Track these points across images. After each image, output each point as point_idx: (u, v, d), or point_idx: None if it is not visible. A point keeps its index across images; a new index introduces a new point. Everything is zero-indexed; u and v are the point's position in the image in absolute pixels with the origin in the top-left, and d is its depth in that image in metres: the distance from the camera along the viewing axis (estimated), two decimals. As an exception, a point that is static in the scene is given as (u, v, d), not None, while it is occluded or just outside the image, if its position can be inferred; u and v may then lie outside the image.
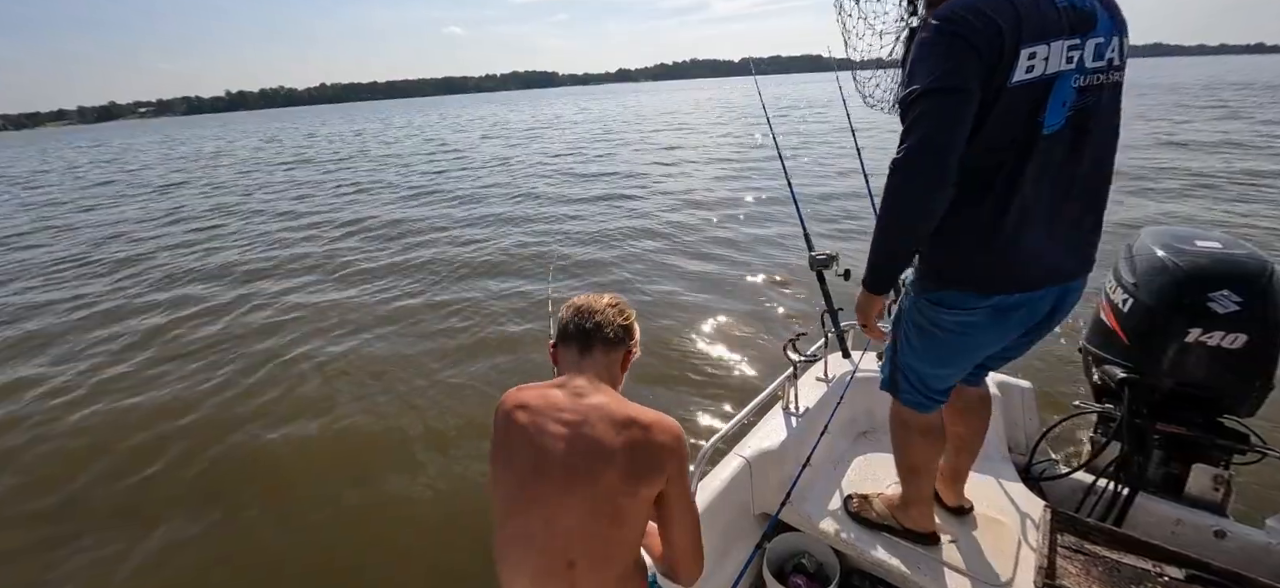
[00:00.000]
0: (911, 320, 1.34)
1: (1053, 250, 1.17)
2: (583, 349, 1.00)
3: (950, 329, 1.27)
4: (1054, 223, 1.15)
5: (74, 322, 5.51)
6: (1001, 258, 1.15)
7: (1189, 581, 1.36)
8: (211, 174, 17.75)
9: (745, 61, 2.39)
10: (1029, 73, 1.04)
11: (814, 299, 2.48)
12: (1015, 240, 1.13)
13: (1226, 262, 1.53)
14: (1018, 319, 1.23)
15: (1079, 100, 1.09)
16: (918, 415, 1.43)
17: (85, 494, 3.05)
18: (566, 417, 0.91)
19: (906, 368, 1.40)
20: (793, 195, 2.36)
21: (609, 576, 0.90)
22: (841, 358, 2.21)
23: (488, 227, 8.35)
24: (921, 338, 1.33)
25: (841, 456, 1.96)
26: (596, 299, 1.06)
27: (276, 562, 2.53)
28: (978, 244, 1.15)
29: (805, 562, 1.70)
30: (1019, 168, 1.10)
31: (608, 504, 0.88)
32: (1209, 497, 1.64)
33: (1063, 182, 1.13)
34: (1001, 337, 1.28)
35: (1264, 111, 17.26)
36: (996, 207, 1.12)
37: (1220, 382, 1.55)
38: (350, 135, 31.73)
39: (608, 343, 1.02)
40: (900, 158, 1.07)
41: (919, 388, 1.39)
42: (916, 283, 1.32)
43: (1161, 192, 7.88)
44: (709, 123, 25.15)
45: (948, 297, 1.24)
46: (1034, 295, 1.20)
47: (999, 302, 1.20)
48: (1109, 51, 1.09)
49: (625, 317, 1.06)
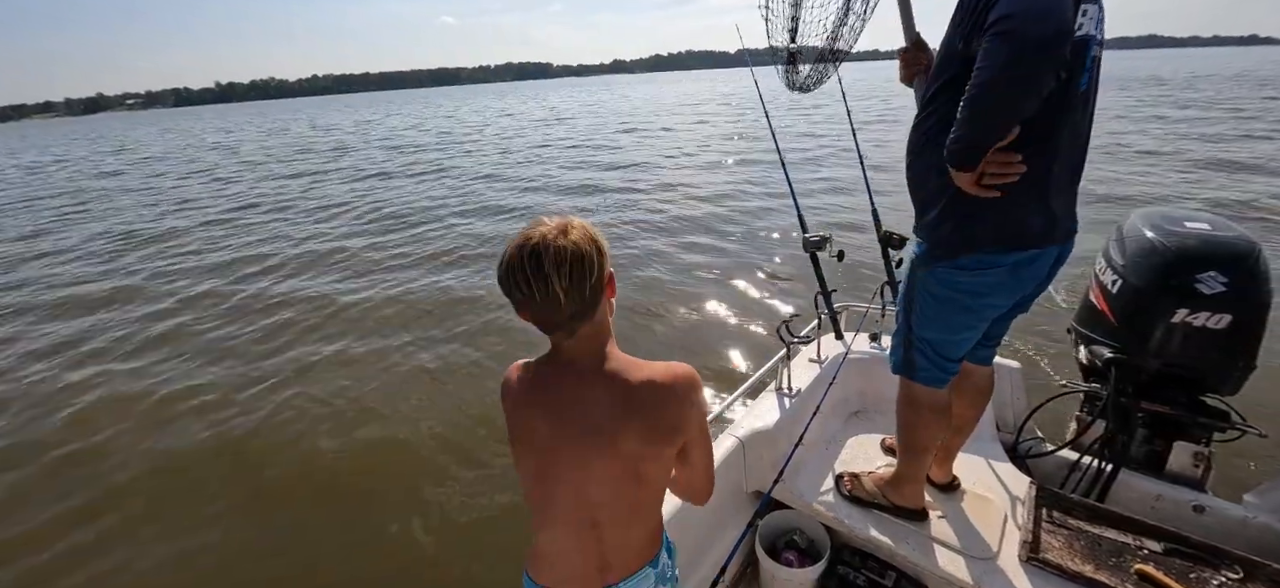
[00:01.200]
0: (926, 292, 1.34)
1: (1063, 209, 1.21)
2: (566, 334, 0.83)
3: (969, 291, 1.28)
4: (1067, 182, 1.20)
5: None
6: (1027, 213, 1.17)
7: (1167, 553, 1.40)
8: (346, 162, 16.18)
9: (741, 53, 2.40)
10: (1079, 29, 1.07)
11: (808, 281, 2.50)
12: (1046, 196, 1.17)
13: (1214, 243, 1.55)
14: (1029, 275, 1.26)
15: (1094, 65, 1.13)
16: (930, 393, 1.42)
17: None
18: (576, 392, 0.84)
19: (921, 342, 1.39)
20: (787, 179, 2.37)
21: (634, 533, 0.91)
22: (834, 340, 2.24)
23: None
24: (938, 306, 1.33)
25: (833, 435, 1.99)
26: (544, 254, 0.76)
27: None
28: (1018, 199, 1.14)
29: (797, 539, 1.74)
30: (1058, 125, 1.13)
31: (631, 470, 0.85)
32: (1189, 473, 1.68)
33: (1079, 142, 1.18)
34: (1012, 294, 1.30)
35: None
36: (1041, 162, 1.13)
37: (1204, 361, 1.58)
38: (418, 124, 29.78)
39: (586, 309, 0.81)
40: (1009, 16, 0.95)
41: (935, 360, 1.39)
42: (930, 256, 1.30)
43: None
44: (709, 112, 25.06)
45: (973, 260, 1.24)
46: (1044, 252, 1.24)
47: (1019, 258, 1.21)
48: (1101, 21, 1.14)
49: (589, 262, 0.79)
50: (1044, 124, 1.11)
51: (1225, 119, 14.04)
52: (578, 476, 0.86)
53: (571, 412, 0.85)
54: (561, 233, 0.78)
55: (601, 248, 0.82)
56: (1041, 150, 1.12)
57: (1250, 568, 1.33)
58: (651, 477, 0.88)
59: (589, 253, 0.79)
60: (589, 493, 0.86)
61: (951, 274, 1.28)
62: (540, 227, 0.79)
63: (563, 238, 0.78)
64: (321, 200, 10.51)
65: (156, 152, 24.58)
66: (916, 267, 1.35)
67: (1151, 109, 16.96)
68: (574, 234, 0.79)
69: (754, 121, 18.97)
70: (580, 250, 0.78)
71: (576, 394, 0.85)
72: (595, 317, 0.83)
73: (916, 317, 1.38)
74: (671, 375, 0.85)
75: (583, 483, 0.86)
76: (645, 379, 0.84)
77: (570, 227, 0.80)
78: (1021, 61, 0.95)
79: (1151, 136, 11.85)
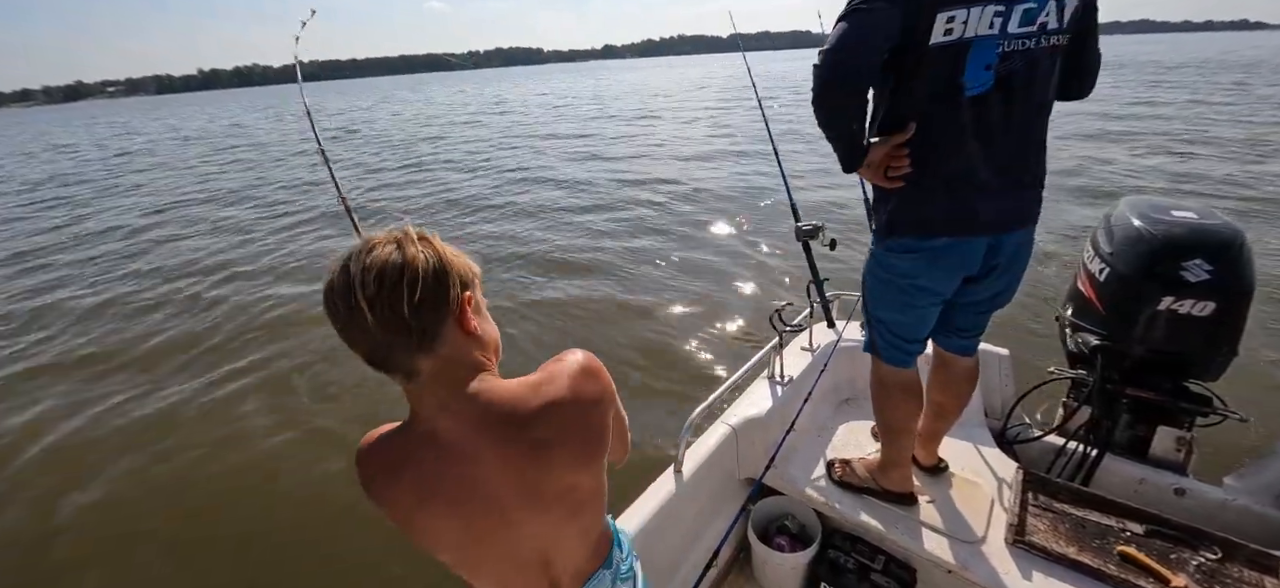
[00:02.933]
0: (873, 273, 1.44)
1: (983, 202, 1.23)
2: (403, 376, 0.65)
3: (902, 273, 1.36)
4: (981, 178, 1.21)
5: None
6: (930, 203, 1.25)
7: (1149, 535, 1.44)
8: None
9: (733, 38, 2.37)
10: (947, 35, 1.11)
11: (801, 270, 2.50)
12: (942, 188, 1.23)
13: (1200, 231, 1.57)
14: (952, 264, 1.32)
15: (1004, 64, 1.14)
16: (895, 372, 1.49)
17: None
18: (458, 472, 0.68)
19: (876, 322, 1.48)
20: (780, 168, 2.37)
21: (584, 550, 0.81)
22: (826, 328, 2.25)
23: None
24: (882, 288, 1.43)
25: (825, 422, 2.01)
26: (353, 264, 0.61)
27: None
28: (913, 190, 1.26)
29: (788, 524, 1.76)
30: (943, 124, 1.19)
31: (566, 506, 0.74)
32: (1172, 457, 1.71)
33: (989, 140, 1.19)
34: (944, 281, 1.35)
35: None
36: (924, 157, 1.23)
37: (1189, 348, 1.61)
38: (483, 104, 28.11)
39: (413, 336, 0.62)
40: (816, 62, 1.17)
41: (892, 339, 1.46)
42: (876, 237, 1.41)
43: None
44: (698, 97, 24.88)
45: (898, 243, 1.34)
46: (961, 242, 1.28)
47: (932, 245, 1.29)
48: (1042, 16, 1.12)
49: (414, 277, 0.62)
50: (933, 124, 1.20)
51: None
52: (507, 550, 0.73)
53: (468, 504, 0.68)
54: (393, 245, 0.63)
55: (445, 267, 0.64)
56: (935, 147, 1.21)
57: (1229, 548, 1.37)
58: (589, 492, 0.76)
59: (420, 269, 0.62)
60: (525, 552, 0.74)
61: (887, 256, 1.38)
62: (375, 236, 0.64)
63: (388, 249, 0.62)
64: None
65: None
66: (872, 249, 1.44)
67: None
68: (410, 248, 0.63)
69: (749, 109, 18.87)
70: (403, 266, 0.61)
71: (460, 476, 0.68)
72: (438, 349, 0.64)
73: (870, 297, 1.48)
74: (569, 380, 0.71)
75: (514, 550, 0.73)
76: (543, 404, 0.68)
77: (409, 239, 0.64)
78: (818, 91, 1.17)
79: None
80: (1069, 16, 1.13)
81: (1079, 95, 1.31)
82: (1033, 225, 1.33)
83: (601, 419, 0.74)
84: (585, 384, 0.72)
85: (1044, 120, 1.24)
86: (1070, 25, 1.14)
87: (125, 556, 2.55)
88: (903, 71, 1.18)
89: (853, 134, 1.24)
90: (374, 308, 0.60)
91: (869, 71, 1.16)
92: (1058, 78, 1.22)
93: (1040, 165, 1.27)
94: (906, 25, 1.11)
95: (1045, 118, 1.24)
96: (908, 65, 1.17)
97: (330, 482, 2.83)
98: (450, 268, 0.65)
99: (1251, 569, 1.33)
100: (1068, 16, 1.13)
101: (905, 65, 1.17)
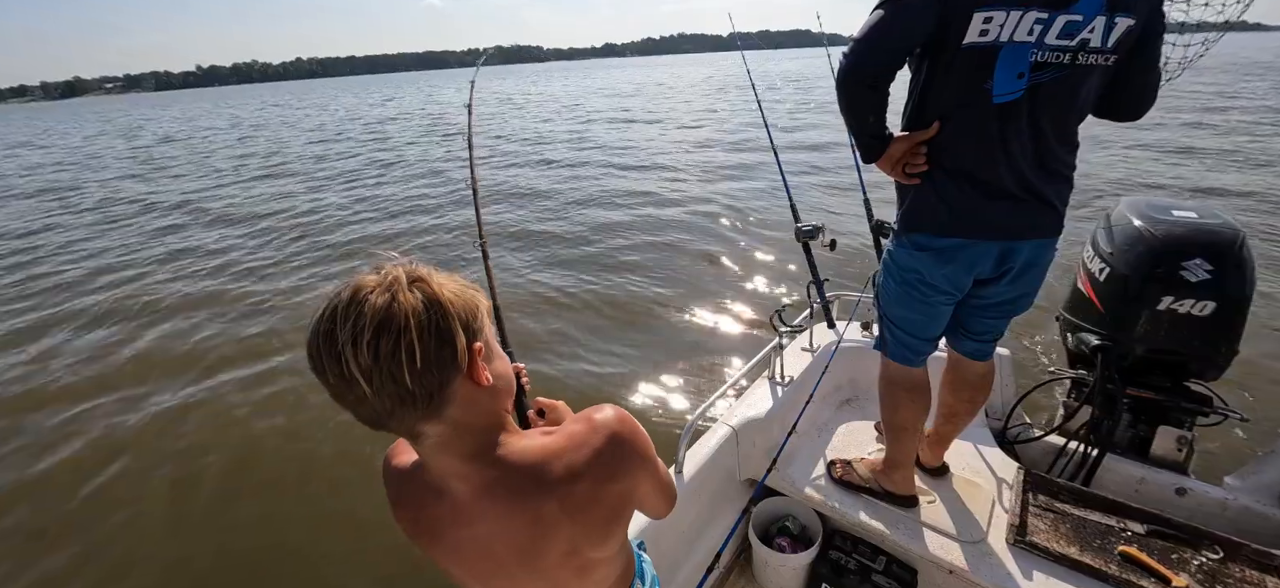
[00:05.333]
0: (887, 269, 1.44)
1: (998, 207, 1.23)
2: (409, 436, 0.60)
3: (912, 270, 1.36)
4: (1000, 184, 1.20)
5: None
6: (945, 202, 1.25)
7: (1150, 535, 1.44)
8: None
9: (733, 36, 2.37)
10: (982, 36, 1.09)
11: (801, 271, 2.50)
12: (958, 189, 1.23)
13: (1200, 231, 1.57)
14: (962, 264, 1.30)
15: (1036, 74, 1.10)
16: (903, 371, 1.48)
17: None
18: (460, 532, 0.65)
19: (887, 318, 1.48)
20: (779, 168, 2.37)
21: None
22: (826, 328, 2.25)
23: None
24: (894, 284, 1.42)
25: (825, 423, 2.01)
26: (340, 319, 0.52)
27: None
28: (930, 188, 1.27)
29: (789, 525, 1.76)
30: (967, 126, 1.18)
31: (570, 563, 0.68)
32: (1172, 457, 1.71)
33: (1012, 148, 1.17)
34: (953, 280, 1.34)
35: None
36: (944, 157, 1.23)
37: (1189, 347, 1.61)
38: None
39: (412, 403, 0.54)
40: (845, 54, 1.20)
41: (901, 338, 1.46)
42: (893, 233, 1.41)
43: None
44: (700, 96, 24.87)
45: (912, 240, 1.34)
46: (972, 244, 1.27)
47: (943, 243, 1.29)
48: (1084, 32, 1.07)
49: (410, 332, 0.52)
50: (957, 126, 1.20)
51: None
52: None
53: (470, 559, 0.67)
54: (384, 290, 0.52)
55: (447, 317, 0.54)
56: (957, 149, 1.21)
57: (1230, 548, 1.37)
58: (601, 558, 0.71)
59: (418, 326, 0.52)
60: None
61: (900, 253, 1.38)
62: (363, 277, 0.54)
63: (379, 296, 0.52)
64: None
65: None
66: (887, 247, 1.44)
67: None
68: (403, 295, 0.52)
69: (747, 107, 18.85)
70: (401, 328, 0.51)
71: (459, 538, 0.65)
72: (447, 412, 0.57)
73: (882, 293, 1.48)
74: (593, 454, 0.64)
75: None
76: (564, 475, 0.62)
77: (401, 282, 0.53)
78: (842, 77, 1.20)
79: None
80: (1116, 38, 1.09)
81: (1129, 117, 1.26)
82: (1053, 237, 1.30)
83: (622, 495, 0.68)
84: (612, 457, 0.65)
85: (1072, 136, 1.22)
86: (1116, 47, 1.10)
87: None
88: (934, 70, 1.18)
89: (871, 124, 1.24)
90: (371, 380, 0.51)
91: (893, 63, 1.16)
92: (1099, 95, 1.19)
93: (1064, 180, 1.24)
94: (942, 21, 1.10)
95: (1073, 133, 1.21)
96: (939, 64, 1.16)
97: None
98: (452, 315, 0.55)
99: (1253, 569, 1.33)
100: (1114, 38, 1.09)
101: (937, 64, 1.16)
